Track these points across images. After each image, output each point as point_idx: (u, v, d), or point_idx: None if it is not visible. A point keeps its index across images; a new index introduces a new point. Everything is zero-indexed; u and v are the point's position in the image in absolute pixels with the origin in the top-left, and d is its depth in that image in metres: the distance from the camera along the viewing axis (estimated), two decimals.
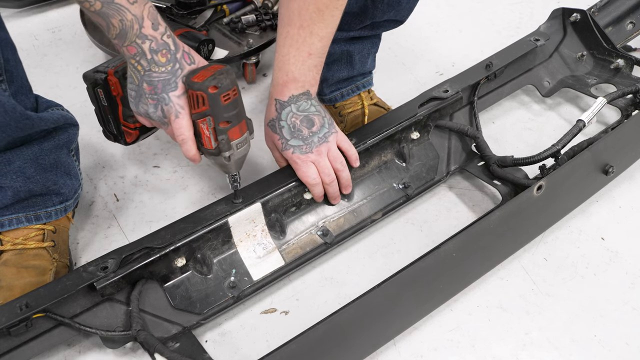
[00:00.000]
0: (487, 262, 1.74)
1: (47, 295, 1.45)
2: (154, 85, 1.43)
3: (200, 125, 1.46)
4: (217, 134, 1.47)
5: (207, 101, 1.42)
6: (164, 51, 1.41)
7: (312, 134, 1.67)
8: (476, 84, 2.04)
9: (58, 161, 1.68)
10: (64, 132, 1.69)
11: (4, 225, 1.66)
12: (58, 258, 1.69)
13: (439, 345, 1.62)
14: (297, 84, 1.64)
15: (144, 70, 1.42)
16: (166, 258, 1.57)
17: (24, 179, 1.61)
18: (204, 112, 1.43)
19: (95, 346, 1.61)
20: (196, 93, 1.41)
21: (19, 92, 1.58)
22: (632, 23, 2.41)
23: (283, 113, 1.66)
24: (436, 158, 1.95)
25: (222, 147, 1.49)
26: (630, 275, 1.76)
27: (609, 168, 1.86)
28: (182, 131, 1.47)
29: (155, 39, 1.40)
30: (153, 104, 1.45)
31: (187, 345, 1.54)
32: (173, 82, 1.43)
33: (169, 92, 1.43)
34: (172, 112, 1.45)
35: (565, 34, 2.29)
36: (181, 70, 1.44)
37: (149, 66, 1.41)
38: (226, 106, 1.45)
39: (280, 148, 1.69)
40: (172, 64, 1.43)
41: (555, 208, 1.84)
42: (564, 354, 1.60)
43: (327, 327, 1.42)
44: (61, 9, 2.74)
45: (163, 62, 1.41)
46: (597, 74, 2.27)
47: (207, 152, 1.52)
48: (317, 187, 1.71)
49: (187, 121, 1.46)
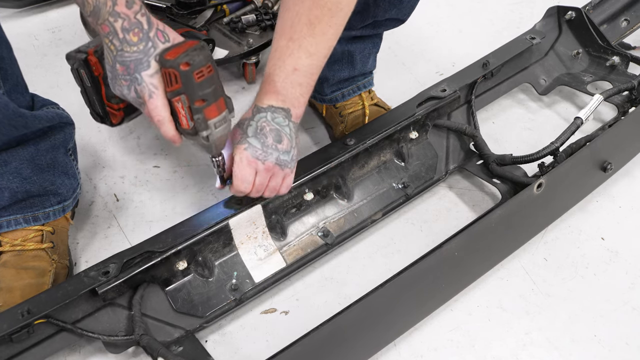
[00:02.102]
0: (489, 261, 1.75)
1: (48, 301, 1.45)
2: (127, 66, 1.36)
3: (175, 104, 1.39)
4: (192, 113, 1.40)
5: (179, 79, 1.35)
6: (136, 30, 1.34)
7: (275, 150, 1.56)
8: (473, 83, 2.04)
9: (55, 161, 1.68)
10: (60, 132, 1.69)
11: (2, 227, 1.66)
12: (57, 259, 1.69)
13: (439, 345, 1.63)
14: (278, 96, 1.55)
15: (116, 50, 1.35)
16: (167, 262, 1.57)
17: (20, 179, 1.61)
18: (178, 91, 1.37)
19: (97, 351, 1.61)
20: (168, 71, 1.35)
21: (14, 90, 1.57)
22: (627, 20, 2.42)
23: (256, 116, 1.57)
24: (435, 157, 1.96)
25: (199, 126, 1.42)
26: (630, 275, 1.77)
27: (607, 165, 1.87)
28: (158, 112, 1.40)
29: (128, 18, 1.33)
30: (126, 85, 1.38)
31: (191, 348, 1.55)
32: (145, 61, 1.36)
33: (141, 72, 1.36)
34: (145, 92, 1.38)
35: (561, 32, 2.30)
36: (154, 49, 1.36)
37: (121, 46, 1.34)
38: (200, 84, 1.37)
39: (236, 141, 1.56)
40: (144, 43, 1.35)
41: (555, 205, 1.85)
42: (564, 354, 1.61)
43: (331, 329, 1.42)
44: (61, 9, 2.72)
45: (135, 41, 1.34)
46: (593, 71, 2.27)
47: (184, 133, 1.45)
48: (240, 192, 1.62)
49: (161, 101, 1.39)
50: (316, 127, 2.20)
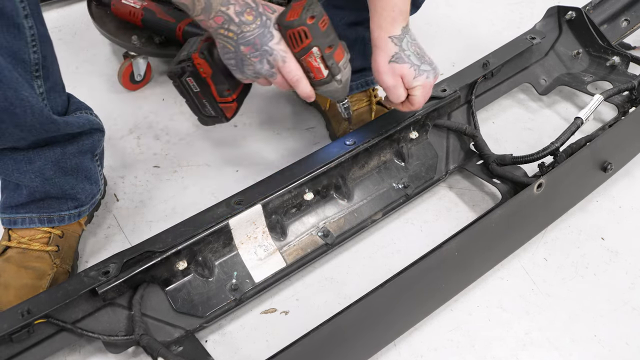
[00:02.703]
0: (489, 261, 1.74)
1: (48, 301, 1.45)
2: (252, 43, 1.49)
3: (307, 59, 1.52)
4: (325, 61, 1.53)
5: (309, 33, 1.47)
6: (248, 10, 1.47)
7: (431, 65, 1.71)
8: (473, 83, 2.04)
9: (80, 166, 1.68)
10: (89, 137, 1.68)
11: (16, 223, 1.67)
12: (59, 264, 1.68)
13: (439, 345, 1.63)
14: (403, 15, 1.65)
15: (236, 35, 1.47)
16: (167, 261, 1.57)
17: (42, 180, 1.61)
18: (309, 45, 1.49)
19: (97, 351, 1.61)
20: (297, 30, 1.47)
21: (53, 89, 1.56)
22: (627, 20, 2.42)
23: (403, 44, 1.67)
24: (435, 157, 1.96)
25: (334, 71, 1.55)
26: (630, 275, 1.77)
27: (608, 165, 1.87)
28: (294, 72, 1.53)
29: (237, 2, 1.46)
30: (258, 61, 1.51)
31: (191, 348, 1.55)
32: (268, 33, 1.49)
33: (268, 44, 1.49)
34: (278, 59, 1.51)
35: (561, 32, 2.30)
36: (270, 21, 1.49)
37: (240, 29, 1.47)
38: (326, 31, 1.51)
39: (413, 75, 1.68)
40: (259, 18, 1.48)
41: (555, 205, 1.85)
42: (564, 354, 1.61)
43: (331, 329, 1.42)
44: (61, 9, 2.73)
45: (251, 20, 1.47)
46: (593, 71, 2.27)
47: (319, 84, 1.58)
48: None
49: (294, 62, 1.53)
50: (316, 127, 2.20)
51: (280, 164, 1.93)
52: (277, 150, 2.12)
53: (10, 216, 1.67)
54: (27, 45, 1.43)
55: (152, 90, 2.34)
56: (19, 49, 1.41)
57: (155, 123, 2.22)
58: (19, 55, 1.42)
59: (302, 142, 2.14)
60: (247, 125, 2.20)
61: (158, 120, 2.23)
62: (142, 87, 2.33)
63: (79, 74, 1.62)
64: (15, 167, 1.57)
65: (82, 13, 2.61)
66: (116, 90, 2.33)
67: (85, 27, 2.59)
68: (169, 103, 2.29)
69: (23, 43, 1.42)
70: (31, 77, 1.47)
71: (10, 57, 1.39)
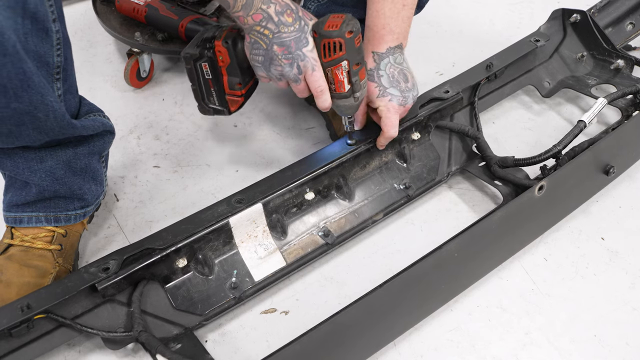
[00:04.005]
0: (489, 263, 1.74)
1: (48, 296, 1.46)
2: (287, 45, 1.52)
3: (334, 72, 1.56)
4: (350, 77, 1.57)
5: (344, 46, 1.51)
6: (288, 11, 1.51)
7: (409, 90, 1.74)
8: (477, 85, 2.04)
9: (89, 166, 1.69)
10: (100, 139, 1.70)
11: (22, 222, 1.67)
12: (61, 263, 1.68)
13: (439, 345, 1.63)
14: (393, 35, 1.69)
15: (272, 34, 1.51)
16: (167, 259, 1.57)
17: (52, 179, 1.62)
18: (340, 58, 1.53)
19: (96, 347, 1.61)
20: (333, 41, 1.51)
21: (69, 91, 1.57)
22: (632, 24, 2.41)
23: (382, 63, 1.70)
24: (437, 158, 1.95)
25: (355, 87, 1.59)
26: (630, 275, 1.77)
27: (610, 168, 1.86)
28: (320, 82, 1.57)
29: (277, 2, 1.50)
30: (288, 63, 1.54)
31: (189, 346, 1.55)
32: (304, 38, 1.53)
33: (302, 49, 1.53)
34: (308, 66, 1.54)
35: (565, 34, 2.29)
36: (307, 27, 1.53)
37: (277, 28, 1.50)
38: (359, 48, 1.55)
39: (377, 95, 1.71)
40: (298, 22, 1.52)
41: (556, 208, 1.84)
42: (564, 354, 1.61)
43: (329, 327, 1.42)
44: None
45: (290, 21, 1.51)
46: (597, 74, 2.27)
47: (338, 97, 1.61)
48: (389, 139, 1.79)
49: (321, 72, 1.57)
50: (316, 127, 2.20)
51: (280, 164, 1.94)
52: (277, 150, 2.12)
53: (16, 215, 1.67)
54: (52, 49, 1.43)
55: (152, 90, 2.34)
56: (45, 53, 1.42)
57: (155, 123, 2.22)
58: (45, 59, 1.43)
59: (302, 142, 2.14)
60: (247, 125, 2.20)
61: (158, 120, 2.23)
62: (143, 87, 2.34)
63: (79, 74, 1.61)
64: (26, 166, 1.58)
65: (82, 13, 2.63)
66: (116, 90, 2.34)
67: (85, 27, 2.60)
68: (169, 103, 2.29)
69: (49, 46, 1.42)
70: (52, 79, 1.48)
71: (37, 60, 1.40)
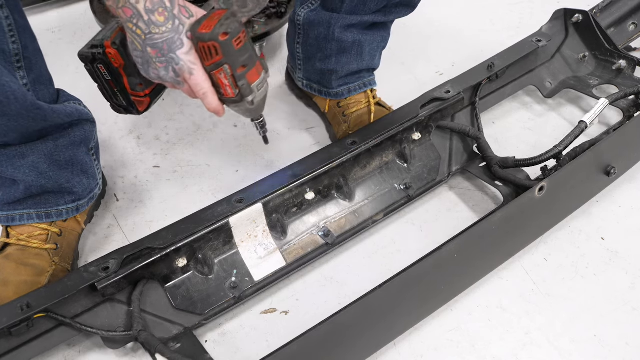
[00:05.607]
0: (489, 263, 1.74)
1: (48, 296, 1.46)
2: (159, 48, 1.35)
3: (217, 76, 1.40)
4: (236, 81, 1.41)
5: (220, 50, 1.35)
6: (160, 9, 1.32)
7: None
8: (478, 85, 2.04)
9: (74, 159, 1.68)
10: (80, 129, 1.68)
11: (14, 220, 1.67)
12: (58, 262, 1.69)
13: (439, 345, 1.62)
14: None
15: (144, 34, 1.33)
16: (167, 258, 1.57)
17: (37, 174, 1.61)
18: (219, 62, 1.37)
19: (96, 346, 1.61)
20: (207, 44, 1.34)
21: (38, 81, 1.55)
22: (635, 24, 2.41)
23: None
24: (438, 159, 1.95)
25: (244, 92, 1.44)
26: (630, 275, 1.76)
27: (611, 169, 1.86)
28: (201, 86, 1.40)
29: None
30: (163, 67, 1.38)
31: (188, 345, 1.55)
32: (178, 40, 1.35)
33: (176, 51, 1.35)
34: (184, 70, 1.38)
35: (567, 35, 2.29)
36: (183, 27, 1.35)
37: (149, 29, 1.32)
38: (239, 50, 1.38)
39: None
40: (171, 21, 1.33)
41: (557, 209, 1.84)
42: (564, 354, 1.60)
43: (329, 327, 1.42)
44: (61, 9, 2.75)
45: (162, 21, 1.32)
46: (599, 75, 2.27)
47: (229, 102, 1.47)
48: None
49: (202, 75, 1.39)
50: (316, 127, 2.20)
51: (280, 164, 1.94)
52: (277, 150, 2.12)
53: (8, 213, 1.68)
54: (5, 35, 1.42)
55: None
56: None
57: (155, 123, 2.23)
58: None
59: (302, 142, 2.15)
60: (247, 125, 2.20)
61: (158, 120, 2.24)
62: None
63: (80, 74, 1.62)
64: (8, 163, 1.57)
65: (82, 13, 2.64)
66: None
67: (85, 27, 2.61)
68: (169, 103, 2.30)
69: (1, 33, 1.41)
70: (13, 67, 1.46)
71: None
